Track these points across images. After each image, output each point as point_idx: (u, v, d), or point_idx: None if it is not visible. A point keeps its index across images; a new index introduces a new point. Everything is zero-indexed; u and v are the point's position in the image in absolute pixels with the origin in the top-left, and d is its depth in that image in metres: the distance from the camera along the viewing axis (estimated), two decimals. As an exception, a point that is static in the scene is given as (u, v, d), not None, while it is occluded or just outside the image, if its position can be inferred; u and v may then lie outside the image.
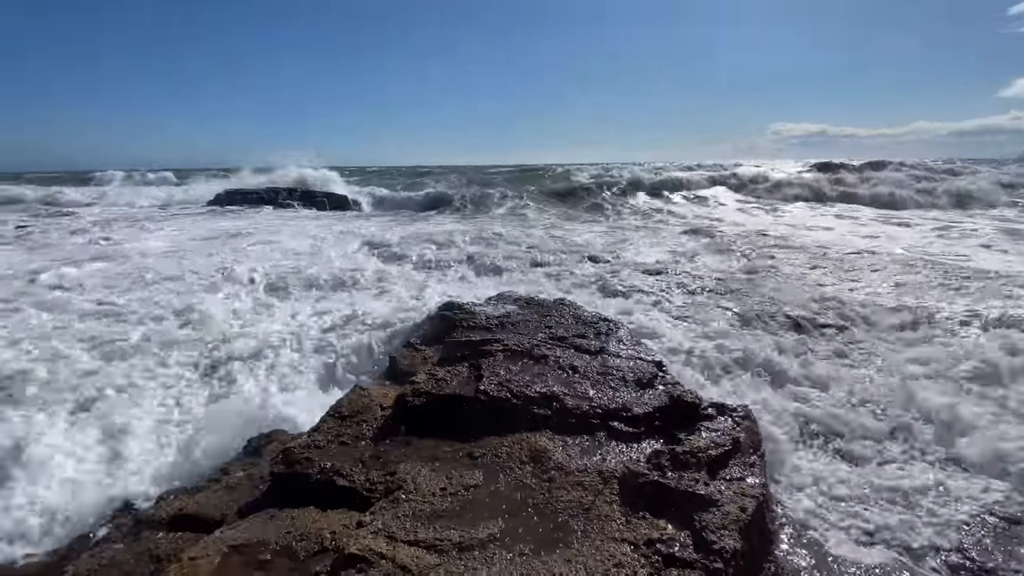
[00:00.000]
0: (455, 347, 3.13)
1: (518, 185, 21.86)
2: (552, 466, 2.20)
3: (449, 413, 2.63)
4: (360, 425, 2.69)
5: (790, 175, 23.07)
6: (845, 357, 3.92)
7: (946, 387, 3.41)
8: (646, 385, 2.76)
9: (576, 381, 2.76)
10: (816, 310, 4.91)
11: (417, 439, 2.53)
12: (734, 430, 2.40)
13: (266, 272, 7.12)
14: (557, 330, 3.47)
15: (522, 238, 10.53)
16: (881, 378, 3.58)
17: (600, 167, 33.05)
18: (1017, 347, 3.84)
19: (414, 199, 19.87)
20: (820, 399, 3.25)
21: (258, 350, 4.37)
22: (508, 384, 2.67)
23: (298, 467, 2.42)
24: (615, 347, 3.23)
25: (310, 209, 18.64)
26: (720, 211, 17.34)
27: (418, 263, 8.10)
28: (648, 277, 6.46)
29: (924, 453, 2.81)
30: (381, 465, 2.37)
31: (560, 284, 6.57)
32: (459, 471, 2.24)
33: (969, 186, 18.13)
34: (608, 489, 2.07)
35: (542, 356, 3.01)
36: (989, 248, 9.41)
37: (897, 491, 2.49)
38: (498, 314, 3.69)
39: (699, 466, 2.11)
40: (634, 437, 2.42)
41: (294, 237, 11.03)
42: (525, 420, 2.52)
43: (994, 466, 2.65)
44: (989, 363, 3.65)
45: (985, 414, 3.07)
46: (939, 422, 3.01)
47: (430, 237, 10.29)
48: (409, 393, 2.69)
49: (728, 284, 6.02)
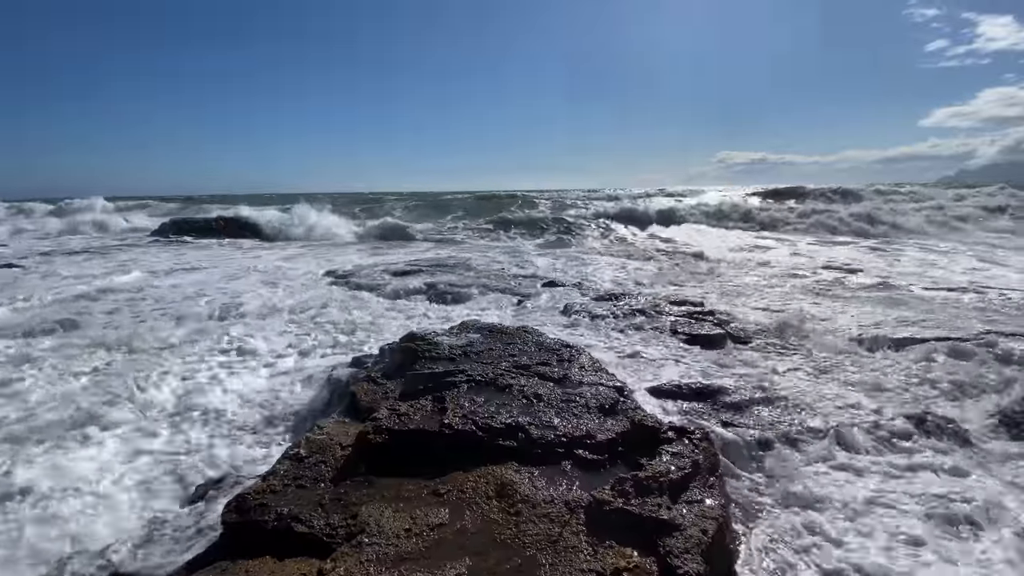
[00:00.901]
0: (417, 380, 3.09)
1: (476, 212, 22.23)
2: (519, 499, 2.19)
3: (413, 449, 2.58)
4: (319, 466, 2.60)
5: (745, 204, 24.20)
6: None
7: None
8: (608, 411, 2.81)
9: (540, 410, 2.77)
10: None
11: (380, 478, 2.47)
12: (693, 452, 2.46)
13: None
14: (521, 358, 3.49)
15: (483, 264, 10.61)
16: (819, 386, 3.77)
17: (555, 193, 34.04)
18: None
19: (370, 227, 19.70)
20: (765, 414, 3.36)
21: (205, 389, 4.16)
22: (473, 416, 2.65)
23: (252, 515, 2.30)
24: (577, 374, 3.28)
25: (255, 240, 18.16)
26: (676, 235, 18.01)
27: (379, 292, 7.98)
28: (605, 302, 6.61)
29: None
30: (342, 508, 2.29)
31: (521, 310, 6.64)
32: (424, 510, 2.19)
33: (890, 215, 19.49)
34: (575, 519, 2.08)
35: (506, 386, 3.02)
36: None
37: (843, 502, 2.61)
38: (461, 343, 3.68)
39: (661, 491, 2.16)
40: (598, 464, 2.45)
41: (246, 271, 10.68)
42: (491, 452, 2.50)
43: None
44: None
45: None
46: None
47: (389, 267, 10.19)
48: (370, 430, 2.62)
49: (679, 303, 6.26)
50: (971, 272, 9.39)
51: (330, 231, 19.06)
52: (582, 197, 32.53)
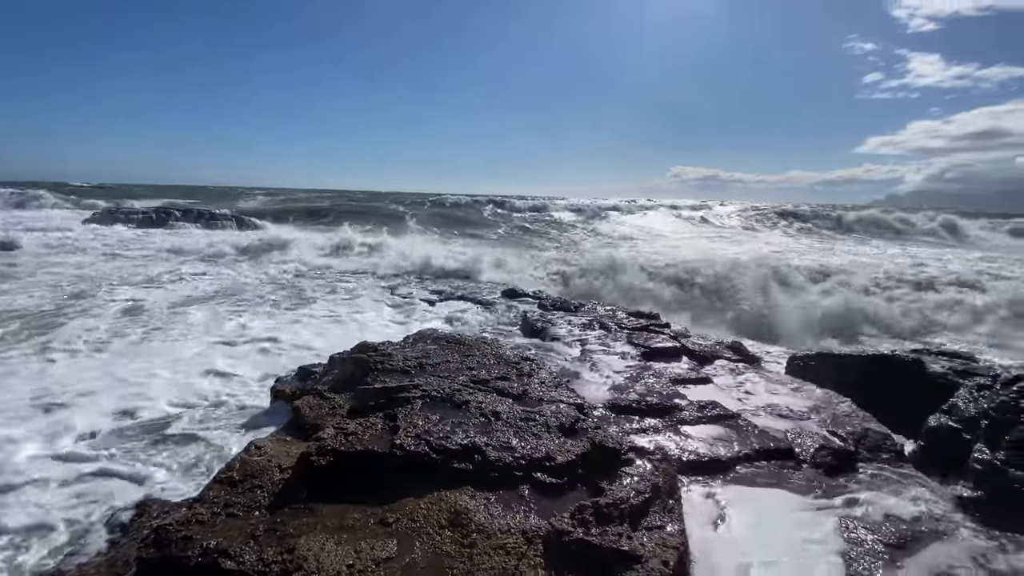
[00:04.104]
0: (368, 395, 2.90)
1: (430, 217, 22.06)
2: (473, 529, 2.06)
3: (361, 473, 2.39)
4: (254, 491, 2.37)
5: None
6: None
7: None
8: (568, 431, 2.72)
9: (498, 429, 2.65)
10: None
11: (322, 505, 2.27)
12: (653, 475, 2.41)
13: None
14: (479, 371, 3.36)
15: (441, 264, 10.40)
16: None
17: (532, 199, 34.42)
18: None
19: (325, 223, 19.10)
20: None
21: (128, 401, 3.79)
22: (427, 436, 2.50)
23: (174, 549, 2.06)
24: (537, 389, 3.18)
25: (213, 230, 17.15)
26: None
27: (329, 295, 7.64)
28: (564, 313, 6.58)
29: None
30: (278, 540, 2.08)
31: (477, 317, 6.50)
32: (370, 542, 2.02)
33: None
34: (532, 550, 1.97)
35: (463, 402, 2.88)
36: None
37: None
38: (417, 355, 3.51)
39: (622, 518, 2.08)
40: (558, 489, 2.35)
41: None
42: (445, 476, 2.36)
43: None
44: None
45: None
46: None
47: (339, 271, 9.80)
48: (314, 451, 2.42)
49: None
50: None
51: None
52: (545, 206, 32.88)
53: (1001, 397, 3.36)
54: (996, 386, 3.51)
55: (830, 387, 4.26)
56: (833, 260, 13.56)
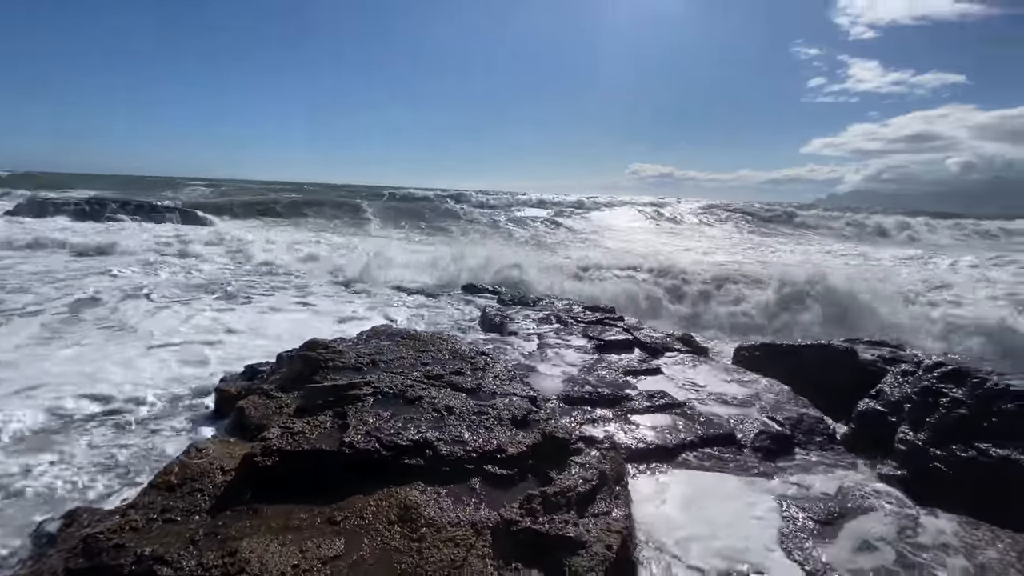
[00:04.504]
0: (317, 393, 2.83)
1: (389, 211, 21.67)
2: (423, 523, 2.06)
3: (308, 472, 2.34)
4: (194, 495, 2.28)
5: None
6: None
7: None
8: (521, 423, 2.76)
9: (451, 424, 2.65)
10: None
11: (267, 506, 2.21)
12: (601, 463, 2.48)
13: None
14: (434, 367, 3.35)
15: (401, 259, 10.27)
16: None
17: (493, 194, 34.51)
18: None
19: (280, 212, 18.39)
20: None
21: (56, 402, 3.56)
22: (377, 433, 2.47)
23: (105, 557, 1.96)
24: (491, 383, 3.20)
25: (159, 224, 16.22)
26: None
27: (282, 293, 7.41)
28: (522, 307, 6.63)
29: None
30: (219, 544, 2.01)
31: (437, 313, 6.46)
32: (317, 541, 1.98)
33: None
34: (481, 542, 1.99)
35: (416, 398, 2.86)
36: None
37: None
38: (370, 351, 3.46)
39: (569, 505, 2.13)
40: (508, 480, 2.38)
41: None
42: (396, 472, 2.34)
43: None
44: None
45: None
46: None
47: (293, 268, 9.51)
48: (258, 452, 2.35)
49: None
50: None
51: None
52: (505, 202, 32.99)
53: (923, 382, 3.63)
54: (919, 372, 3.79)
55: (772, 376, 4.48)
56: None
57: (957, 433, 3.18)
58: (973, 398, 3.28)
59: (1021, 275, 13.07)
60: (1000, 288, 10.42)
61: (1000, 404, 3.17)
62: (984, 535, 2.58)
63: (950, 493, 2.92)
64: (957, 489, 2.95)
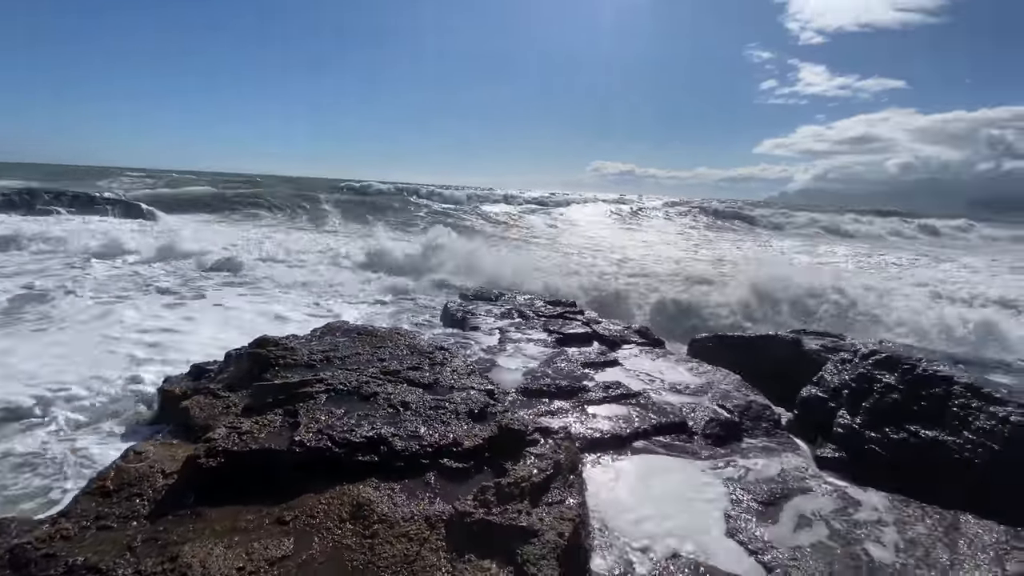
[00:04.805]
0: (267, 391, 2.75)
1: (346, 206, 21.10)
2: (376, 519, 2.03)
3: (256, 473, 2.27)
4: (132, 500, 2.18)
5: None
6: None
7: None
8: (478, 416, 2.76)
9: (407, 419, 2.63)
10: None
11: (212, 509, 2.13)
12: (555, 453, 2.51)
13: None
14: (391, 363, 3.30)
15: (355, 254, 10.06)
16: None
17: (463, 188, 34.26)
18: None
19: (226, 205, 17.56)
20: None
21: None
22: (330, 431, 2.42)
23: (33, 568, 1.85)
24: (449, 378, 3.18)
25: (95, 217, 15.23)
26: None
27: (236, 289, 7.13)
28: (484, 302, 6.63)
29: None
30: (159, 549, 1.93)
31: (398, 308, 6.37)
32: (264, 542, 1.93)
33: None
34: (435, 535, 1.98)
35: (372, 394, 2.82)
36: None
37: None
38: (324, 348, 3.38)
39: (523, 496, 2.15)
40: (465, 473, 2.38)
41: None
42: (349, 470, 2.30)
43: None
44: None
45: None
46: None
47: (250, 265, 9.16)
48: (202, 453, 2.26)
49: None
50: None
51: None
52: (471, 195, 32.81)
53: (859, 369, 3.84)
54: (856, 360, 4.00)
55: (725, 366, 4.65)
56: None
57: (890, 416, 3.39)
58: (904, 383, 3.49)
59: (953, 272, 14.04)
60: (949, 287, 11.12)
61: (928, 389, 3.40)
62: (914, 511, 2.76)
63: (884, 473, 3.12)
64: (890, 469, 3.14)
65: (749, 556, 2.30)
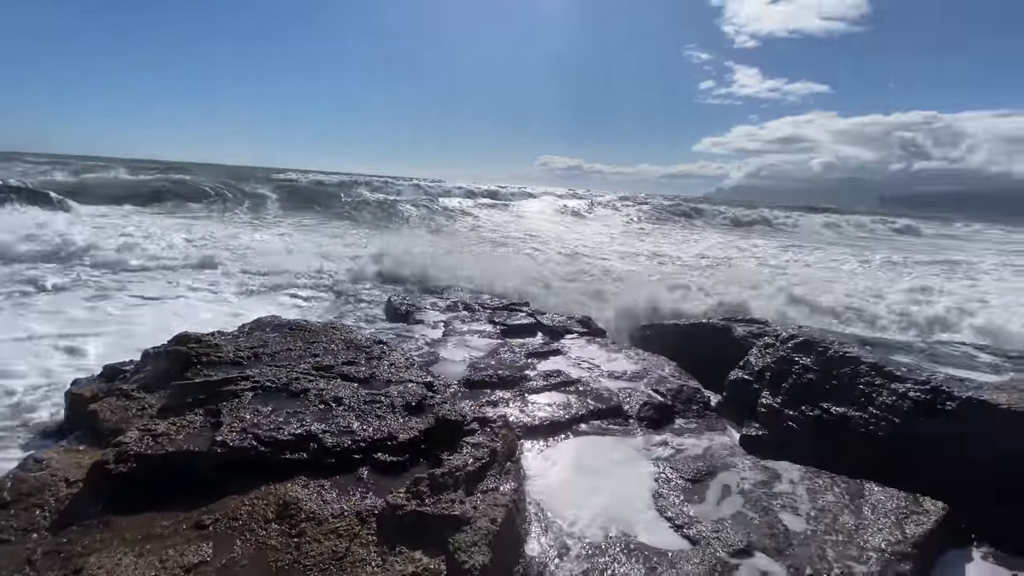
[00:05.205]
0: (186, 391, 2.59)
1: (294, 202, 20.08)
2: (304, 518, 1.98)
3: (174, 477, 2.15)
4: (31, 512, 2.01)
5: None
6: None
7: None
8: (415, 409, 2.73)
9: (339, 415, 2.56)
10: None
11: (122, 517, 2.00)
12: (492, 441, 2.53)
13: None
14: (324, 358, 3.20)
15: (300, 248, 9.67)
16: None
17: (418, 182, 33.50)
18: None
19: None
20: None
21: None
22: (255, 429, 2.32)
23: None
24: (386, 372, 3.13)
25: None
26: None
27: (150, 280, 6.67)
28: (432, 297, 6.56)
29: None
30: (62, 562, 1.79)
31: (340, 303, 6.19)
32: (180, 548, 1.83)
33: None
34: (365, 530, 1.95)
35: (302, 390, 2.73)
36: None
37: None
38: (252, 344, 3.23)
39: (457, 485, 2.15)
40: (400, 467, 2.35)
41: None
42: (276, 469, 2.22)
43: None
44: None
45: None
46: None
47: (153, 250, 8.53)
48: (111, 458, 2.11)
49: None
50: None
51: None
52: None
53: (780, 352, 4.10)
54: (777, 344, 4.27)
55: (662, 353, 4.84)
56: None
57: (806, 395, 3.64)
58: (818, 364, 3.77)
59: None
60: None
61: (839, 369, 3.68)
62: (825, 482, 2.98)
63: (801, 448, 3.35)
64: (806, 444, 3.39)
65: (675, 531, 2.41)
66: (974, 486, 2.75)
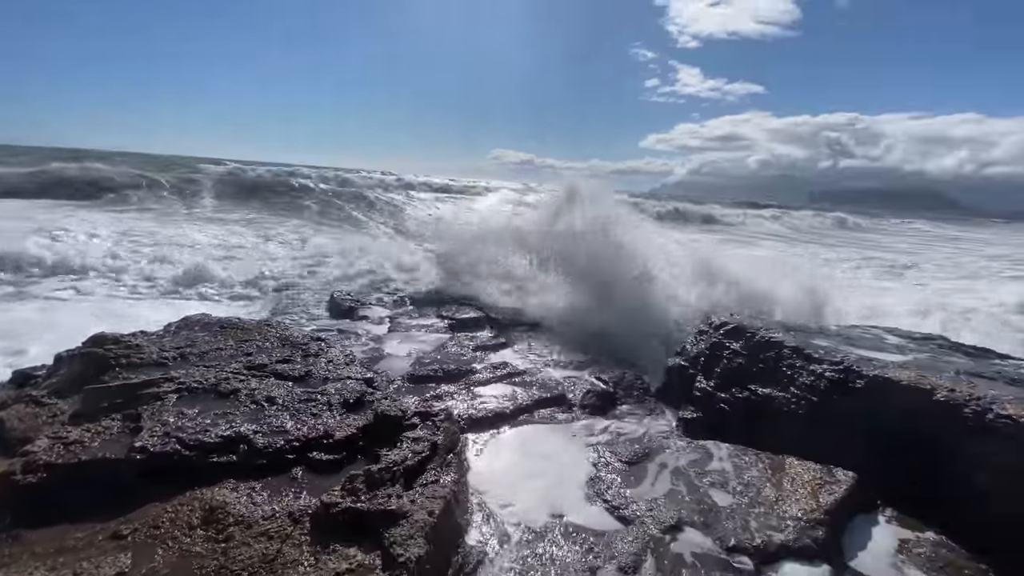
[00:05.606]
0: (101, 395, 2.43)
1: (233, 195, 18.93)
2: (232, 522, 1.91)
3: (89, 486, 2.02)
4: (-79, 534, 1.84)
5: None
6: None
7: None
8: (354, 406, 2.69)
9: (272, 415, 2.48)
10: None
11: (33, 531, 1.87)
12: (434, 435, 2.53)
13: None
14: (257, 357, 3.09)
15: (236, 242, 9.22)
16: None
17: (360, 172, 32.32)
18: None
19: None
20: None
21: None
22: (179, 433, 2.22)
23: None
24: (324, 369, 3.06)
25: None
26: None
27: (64, 280, 6.19)
28: (380, 292, 6.43)
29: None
30: (-43, 585, 1.66)
31: (284, 302, 5.97)
32: (96, 560, 1.73)
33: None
34: (298, 531, 1.91)
35: (232, 391, 2.62)
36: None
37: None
38: (178, 344, 3.07)
39: (395, 480, 2.14)
40: (336, 465, 2.31)
41: None
42: (203, 473, 2.13)
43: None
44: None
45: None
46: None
47: (91, 258, 7.93)
48: (18, 469, 1.97)
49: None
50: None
51: None
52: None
53: (713, 339, 4.32)
54: (710, 331, 4.49)
55: (607, 342, 4.98)
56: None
57: (736, 378, 3.85)
58: (747, 349, 3.99)
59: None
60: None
61: (765, 352, 3.91)
62: (750, 458, 3.18)
63: (732, 428, 3.55)
64: (737, 424, 3.59)
65: (611, 512, 2.51)
66: (880, 454, 3.00)
